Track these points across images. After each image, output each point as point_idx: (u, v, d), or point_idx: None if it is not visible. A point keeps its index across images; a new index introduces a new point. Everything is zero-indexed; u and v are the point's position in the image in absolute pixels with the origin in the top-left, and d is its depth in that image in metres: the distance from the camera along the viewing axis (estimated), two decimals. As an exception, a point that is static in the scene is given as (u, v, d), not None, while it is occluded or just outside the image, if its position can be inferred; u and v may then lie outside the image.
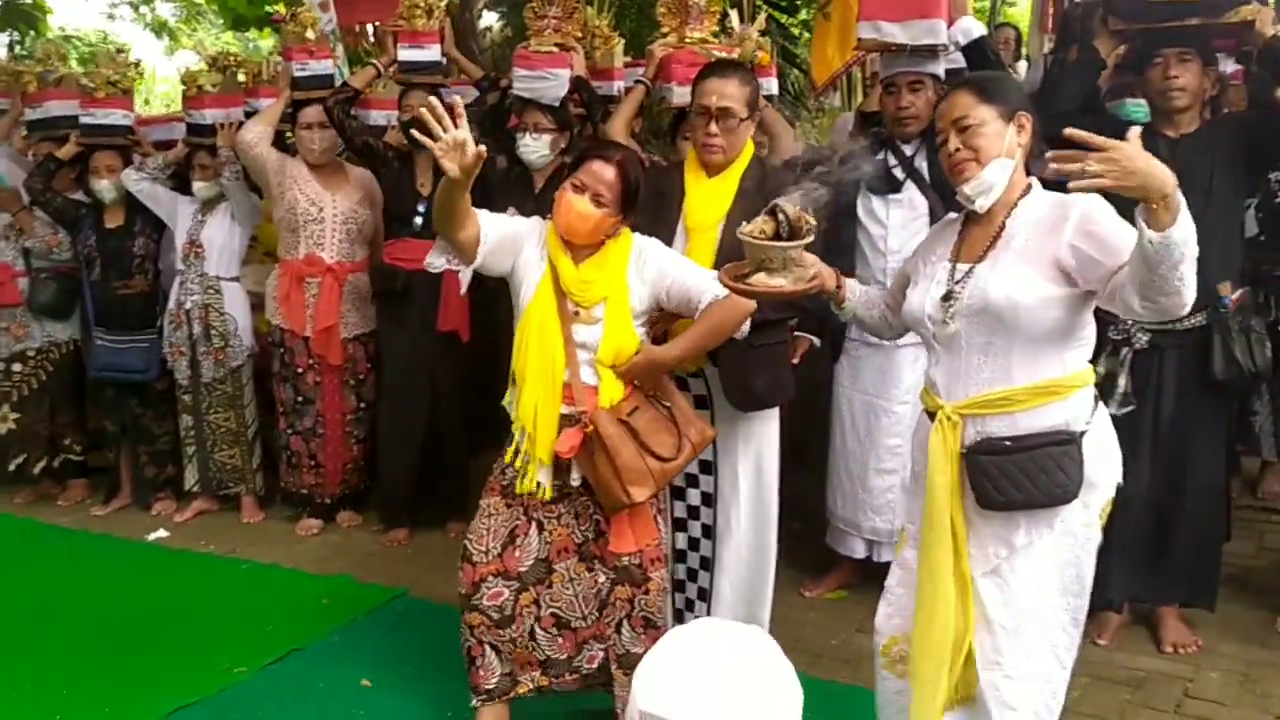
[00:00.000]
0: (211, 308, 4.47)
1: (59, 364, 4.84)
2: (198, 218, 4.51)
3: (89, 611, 3.67)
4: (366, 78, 4.42)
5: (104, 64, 4.71)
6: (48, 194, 4.59)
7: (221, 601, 3.76)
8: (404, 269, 4.23)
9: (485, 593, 2.70)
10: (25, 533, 4.56)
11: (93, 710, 2.98)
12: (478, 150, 2.26)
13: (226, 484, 4.67)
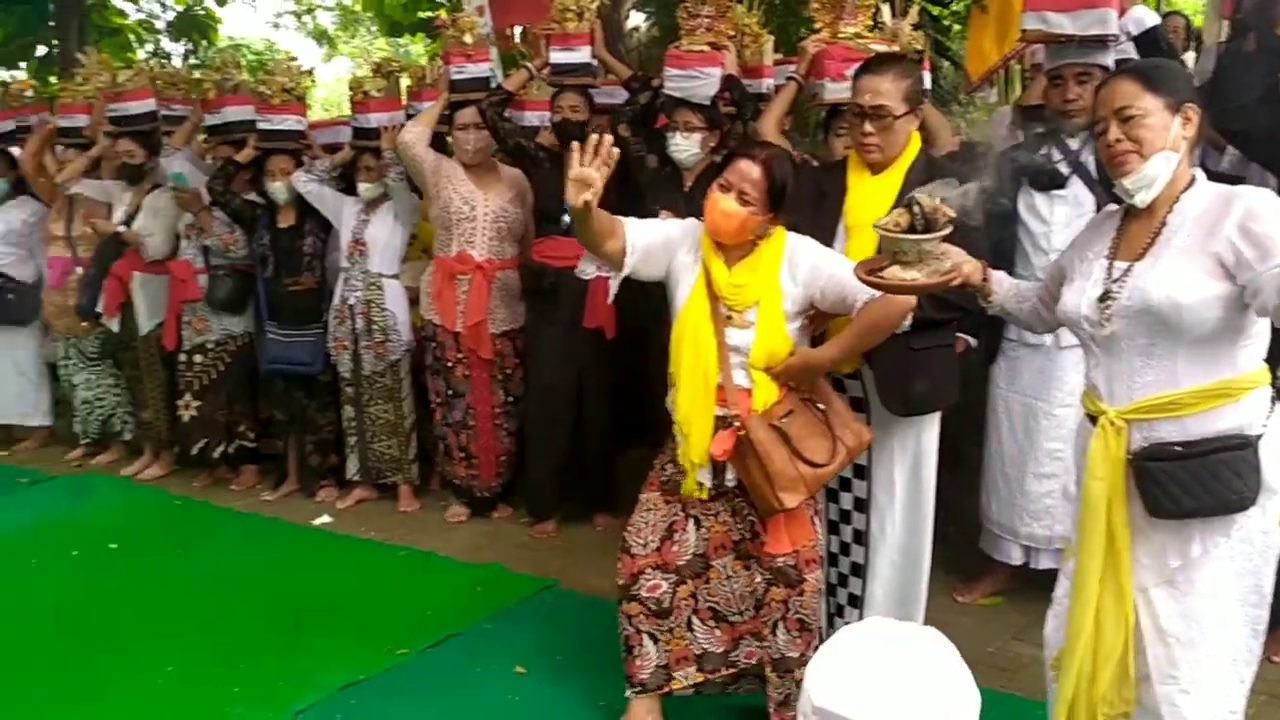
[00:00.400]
0: (373, 304, 4.65)
1: (235, 356, 5.11)
2: (362, 217, 4.70)
3: (263, 591, 3.87)
4: (519, 80, 4.52)
5: (279, 72, 4.94)
6: (227, 195, 4.86)
7: (382, 586, 3.92)
8: (552, 266, 4.33)
9: (644, 584, 2.75)
10: (202, 515, 4.83)
11: (270, 684, 3.14)
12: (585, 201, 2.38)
13: (385, 473, 4.85)
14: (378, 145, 4.63)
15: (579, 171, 2.38)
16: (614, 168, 2.44)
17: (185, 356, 5.11)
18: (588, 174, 2.37)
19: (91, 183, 5.39)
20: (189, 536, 4.52)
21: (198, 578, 4.01)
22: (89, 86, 5.46)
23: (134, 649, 3.39)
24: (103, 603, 3.78)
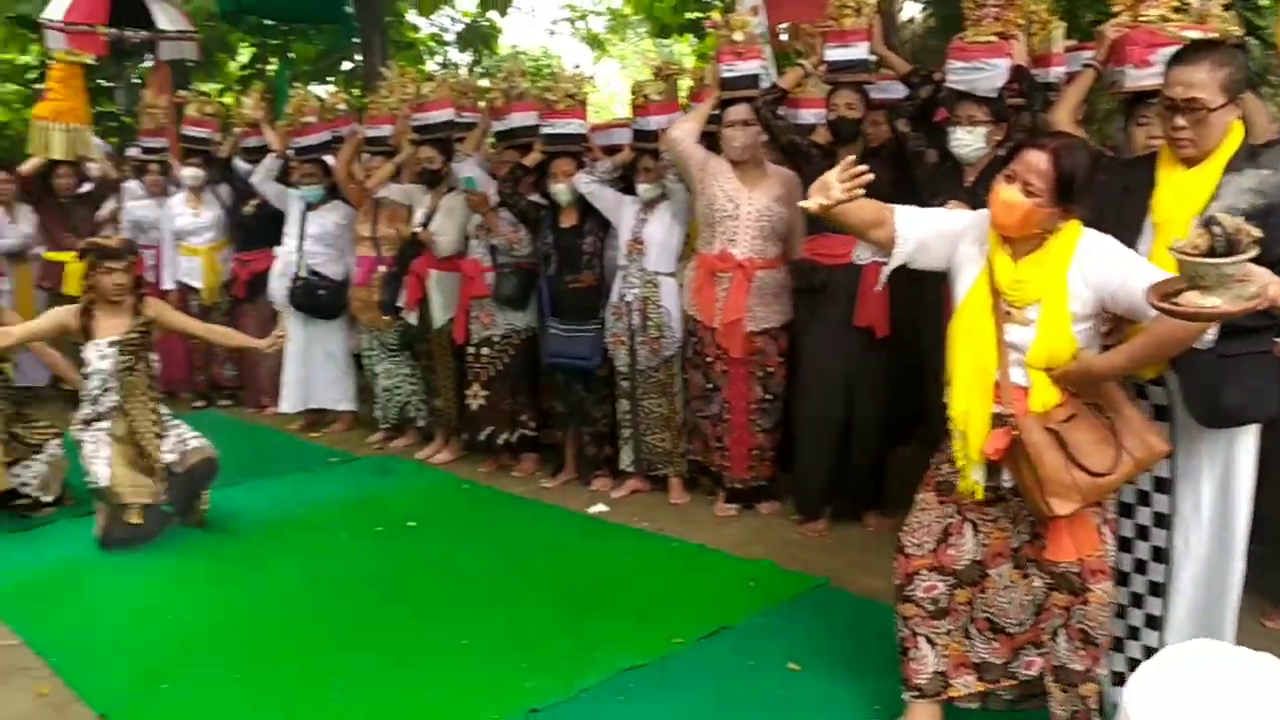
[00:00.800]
0: (649, 300, 4.79)
1: (518, 349, 5.39)
2: (640, 217, 4.85)
3: (543, 573, 4.08)
4: (795, 78, 4.53)
5: (562, 79, 5.17)
6: (514, 197, 5.14)
7: (655, 575, 4.04)
8: (823, 264, 4.32)
9: (919, 585, 2.71)
10: (488, 499, 5.14)
11: (555, 661, 3.31)
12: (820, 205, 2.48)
13: (656, 465, 4.99)
14: (656, 147, 4.77)
15: (824, 179, 2.47)
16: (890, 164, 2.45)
17: (474, 349, 5.44)
18: (830, 184, 2.46)
19: (396, 187, 5.84)
20: (476, 518, 4.83)
21: (484, 557, 4.28)
22: (393, 99, 5.90)
23: (434, 620, 3.66)
24: (404, 576, 4.09)
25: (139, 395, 4.51)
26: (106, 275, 4.45)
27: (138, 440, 4.46)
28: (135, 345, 4.51)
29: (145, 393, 4.54)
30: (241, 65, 13.10)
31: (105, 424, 4.50)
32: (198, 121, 7.06)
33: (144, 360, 4.56)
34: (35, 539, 4.65)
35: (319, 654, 3.43)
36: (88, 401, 4.53)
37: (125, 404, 4.48)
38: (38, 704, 3.16)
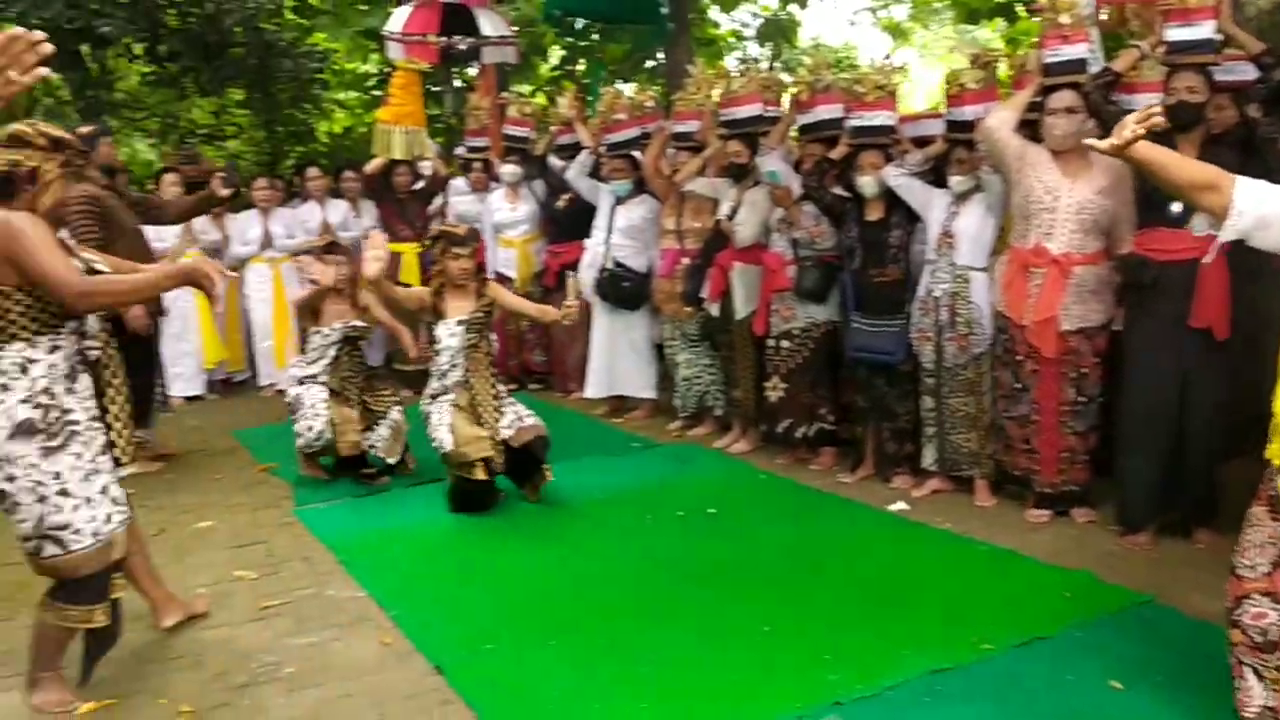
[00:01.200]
0: (959, 296, 4.65)
1: (818, 343, 5.38)
2: (951, 210, 4.72)
3: (842, 566, 4.07)
4: (1129, 60, 4.25)
5: (872, 70, 5.11)
6: (820, 190, 5.13)
7: (961, 578, 3.92)
8: (1154, 260, 4.03)
9: (1247, 610, 2.50)
10: (785, 491, 5.17)
11: (858, 656, 3.29)
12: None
13: (960, 466, 4.84)
14: (970, 138, 4.62)
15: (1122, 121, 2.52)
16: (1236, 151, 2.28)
17: (774, 341, 5.48)
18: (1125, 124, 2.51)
19: (702, 181, 5.98)
20: (774, 508, 4.87)
21: (783, 547, 4.31)
22: (700, 95, 6.04)
23: (735, 605, 3.73)
24: (706, 560, 4.19)
25: (481, 370, 4.86)
26: (454, 260, 4.85)
27: (478, 411, 4.78)
28: (479, 324, 4.88)
29: (486, 368, 4.89)
30: (551, 67, 13.81)
31: (450, 396, 4.86)
32: (517, 121, 7.52)
33: (485, 339, 4.93)
34: (379, 502, 5.13)
35: (628, 628, 3.58)
36: (436, 376, 4.92)
37: (469, 378, 4.84)
38: (383, 652, 3.49)
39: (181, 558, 4.39)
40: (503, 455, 4.77)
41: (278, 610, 3.84)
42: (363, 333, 5.49)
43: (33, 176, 2.99)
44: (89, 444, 3.03)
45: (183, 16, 8.47)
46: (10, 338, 2.91)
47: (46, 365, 2.95)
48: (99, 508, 3.02)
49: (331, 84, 11.63)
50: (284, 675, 3.34)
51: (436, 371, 4.94)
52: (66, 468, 2.95)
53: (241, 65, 9.09)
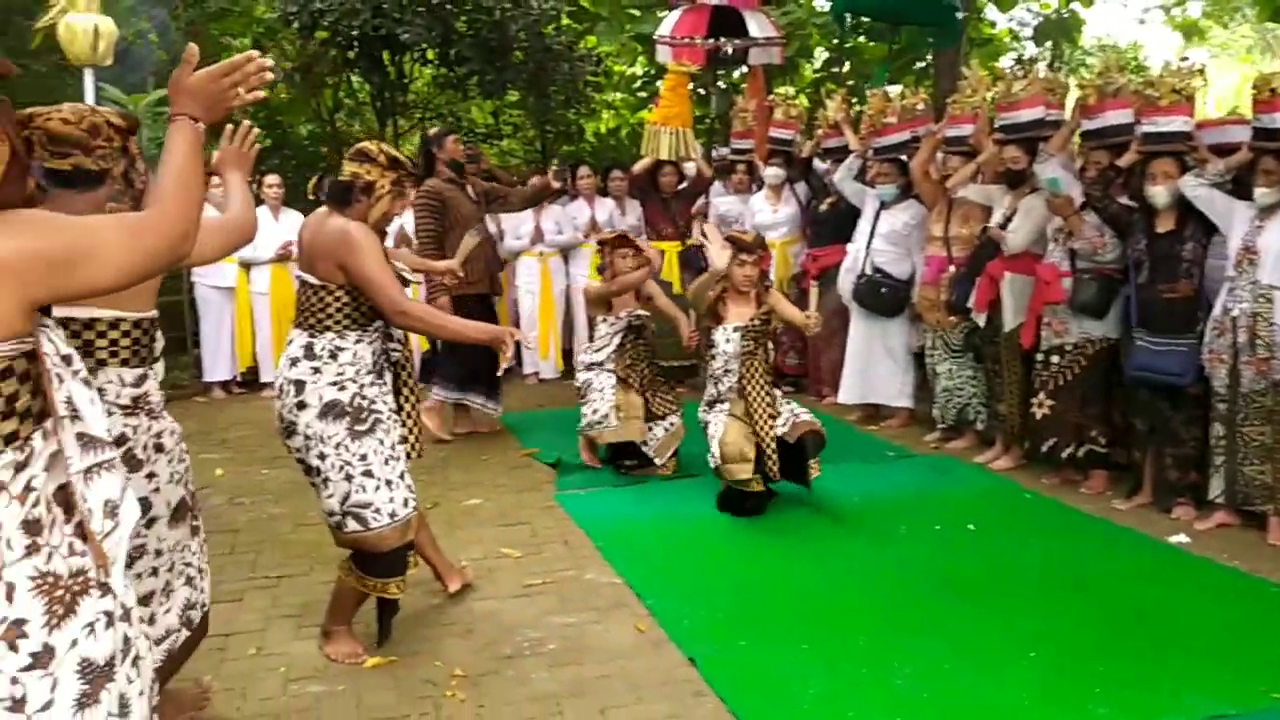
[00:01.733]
0: (1260, 317, 4.30)
1: (1091, 360, 5.11)
2: (1255, 224, 4.37)
3: (1112, 597, 3.85)
4: None
5: (1168, 73, 4.80)
6: (1104, 199, 4.87)
7: (1250, 621, 3.65)
8: None
9: None
10: (1051, 512, 4.94)
11: (1130, 693, 3.12)
12: None
13: (1252, 500, 4.48)
14: None
15: None
16: None
17: (1043, 356, 5.25)
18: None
19: (975, 187, 5.80)
20: (1039, 530, 4.67)
21: (1048, 570, 4.13)
22: (976, 97, 5.85)
23: (996, 626, 3.62)
24: (965, 576, 4.08)
25: (756, 379, 4.80)
26: (739, 267, 4.89)
27: (753, 419, 4.73)
28: (756, 332, 4.85)
29: (761, 377, 4.82)
30: (815, 69, 13.72)
31: (725, 405, 4.88)
32: (783, 124, 7.54)
33: (762, 346, 4.91)
34: (636, 493, 5.29)
35: (883, 637, 3.54)
36: (710, 382, 5.00)
37: (744, 385, 4.80)
38: (638, 638, 3.61)
39: (452, 532, 4.68)
40: (777, 458, 4.70)
41: (540, 589, 4.04)
42: (645, 321, 5.64)
43: (369, 188, 3.30)
44: (389, 432, 3.31)
45: (472, 23, 8.98)
46: (325, 328, 3.24)
47: (353, 354, 3.25)
48: (397, 491, 3.28)
49: (603, 86, 12.02)
50: (546, 651, 3.51)
51: (711, 377, 5.01)
52: (371, 450, 3.23)
53: (522, 68, 9.56)
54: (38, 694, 1.58)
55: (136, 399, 2.60)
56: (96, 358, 2.50)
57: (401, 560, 3.37)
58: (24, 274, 1.56)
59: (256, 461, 5.87)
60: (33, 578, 1.60)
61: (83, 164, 2.38)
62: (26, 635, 1.58)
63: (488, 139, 12.02)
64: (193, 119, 1.88)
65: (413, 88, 10.77)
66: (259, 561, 4.33)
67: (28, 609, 1.58)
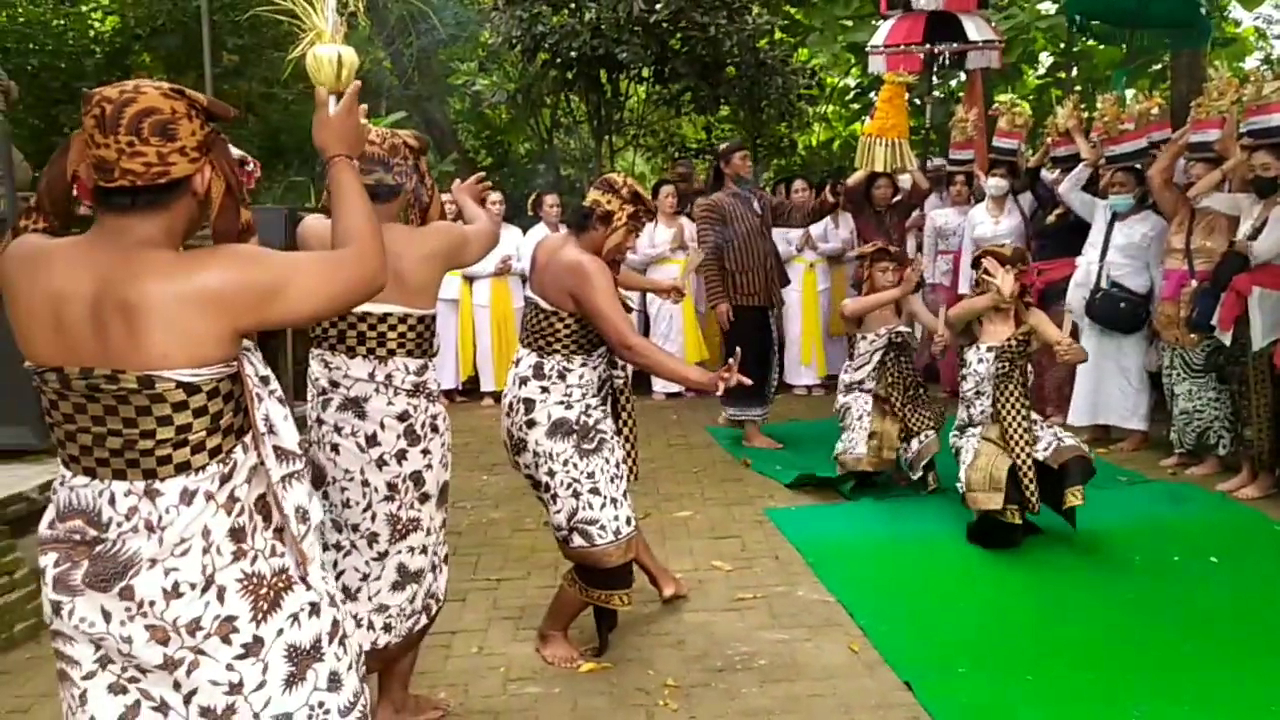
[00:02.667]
0: None
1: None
2: None
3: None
4: None
5: None
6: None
7: None
8: None
9: None
10: None
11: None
12: None
13: None
14: None
15: None
16: None
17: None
18: None
19: (1221, 196, 5.42)
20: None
21: None
22: (1223, 100, 5.47)
23: (1242, 669, 3.35)
24: (1206, 613, 3.80)
25: (1012, 402, 4.43)
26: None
27: (1009, 445, 4.35)
28: (1013, 353, 4.51)
29: (1018, 401, 4.43)
30: (1039, 75, 13.18)
31: (977, 430, 4.60)
32: (1007, 133, 7.26)
33: (1019, 369, 4.51)
34: (845, 510, 5.21)
35: (1113, 673, 3.34)
36: (962, 404, 4.72)
37: (998, 409, 4.45)
38: (851, 659, 3.54)
39: (663, 543, 4.73)
40: (1035, 488, 4.29)
41: (750, 604, 4.03)
42: (907, 339, 5.39)
43: (606, 218, 3.40)
44: (614, 451, 3.39)
45: (686, 40, 9.10)
46: (553, 351, 3.35)
47: (579, 376, 3.35)
48: (621, 509, 3.35)
49: (816, 98, 11.93)
50: (756, 666, 3.49)
51: (963, 399, 4.74)
52: (598, 468, 3.32)
53: (735, 83, 9.60)
54: (251, 678, 1.78)
55: (417, 385, 2.83)
56: (387, 348, 2.78)
57: (627, 574, 3.43)
58: (233, 304, 1.70)
59: (478, 468, 6.11)
60: (240, 580, 1.78)
61: (383, 180, 2.74)
62: (237, 630, 1.77)
63: (700, 154, 12.13)
64: (348, 157, 1.96)
65: (628, 105, 11.00)
66: (480, 564, 4.51)
67: (237, 607, 1.77)
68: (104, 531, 1.73)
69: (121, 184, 1.70)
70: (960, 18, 8.46)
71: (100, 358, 1.69)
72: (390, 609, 2.87)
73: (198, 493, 1.74)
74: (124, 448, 1.72)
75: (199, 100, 1.77)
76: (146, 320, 1.66)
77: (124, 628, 1.72)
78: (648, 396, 8.23)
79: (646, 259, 8.04)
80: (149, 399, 1.69)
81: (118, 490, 1.73)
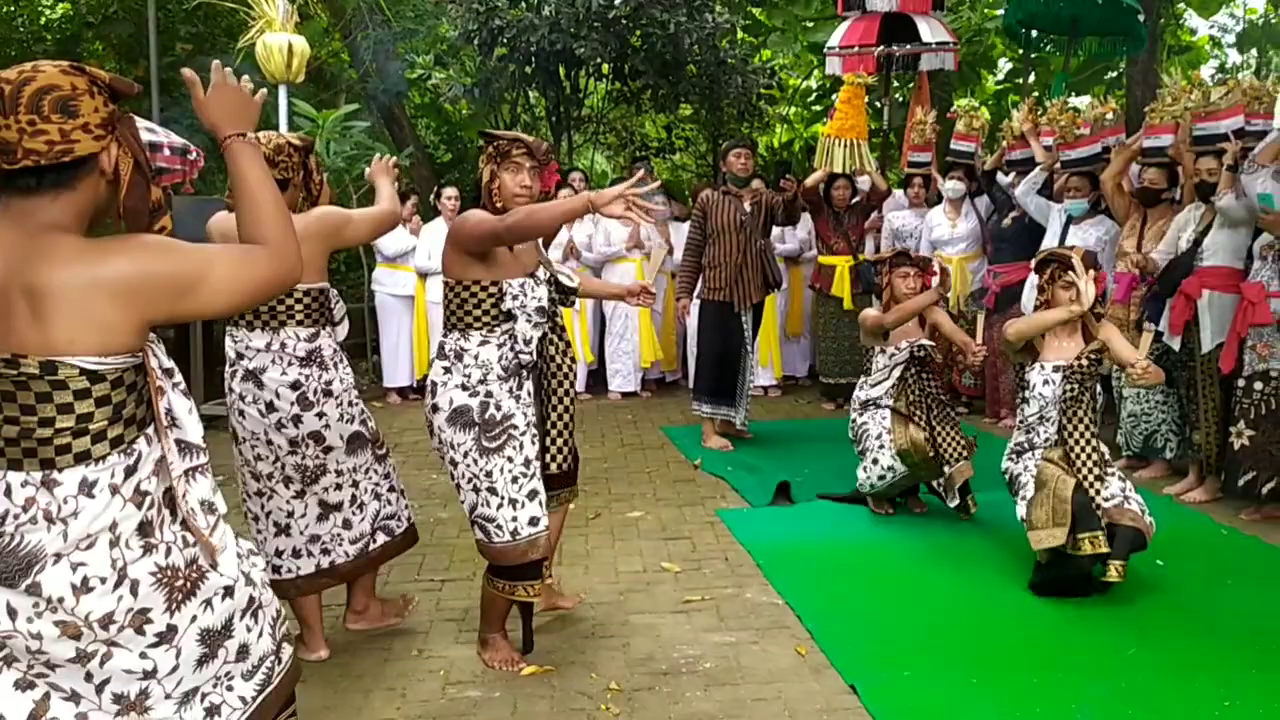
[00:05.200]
0: None
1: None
2: None
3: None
4: None
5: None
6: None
7: None
8: None
9: None
10: (1250, 552, 4.56)
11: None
12: None
13: None
14: None
15: None
16: None
17: (1244, 382, 4.88)
18: None
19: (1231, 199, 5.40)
20: (1235, 570, 4.31)
21: (1246, 616, 3.80)
22: (1177, 107, 5.50)
23: (1185, 670, 3.36)
24: (1150, 615, 3.81)
25: (1081, 430, 3.94)
26: (1065, 290, 4.06)
27: (1078, 474, 3.90)
28: (1083, 373, 3.98)
29: (1088, 428, 3.95)
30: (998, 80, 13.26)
31: (1036, 452, 4.09)
32: (964, 136, 7.29)
33: (1089, 390, 4.00)
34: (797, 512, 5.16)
35: (1058, 675, 3.33)
36: (1022, 429, 4.19)
37: (1064, 436, 3.97)
38: (797, 662, 3.50)
39: (613, 543, 4.68)
40: (1104, 523, 3.82)
41: (698, 606, 3.98)
42: (931, 353, 4.86)
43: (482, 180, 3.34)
44: (521, 449, 3.22)
45: (646, 37, 9.04)
46: (452, 327, 3.27)
47: (474, 356, 3.20)
48: (523, 510, 3.22)
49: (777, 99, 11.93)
50: (702, 669, 3.45)
51: (1022, 423, 4.18)
52: (498, 469, 3.19)
53: (695, 82, 9.57)
54: (165, 664, 1.80)
55: (310, 352, 3.27)
56: (279, 319, 3.23)
57: (531, 569, 3.30)
58: (144, 296, 1.69)
59: (426, 466, 6.03)
60: (153, 573, 1.77)
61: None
62: (151, 620, 1.78)
63: (660, 153, 12.09)
64: (242, 135, 1.87)
65: (587, 102, 10.93)
66: (425, 565, 4.43)
67: (150, 600, 1.77)
68: (1, 525, 1.69)
69: (25, 164, 1.66)
70: (915, 19, 8.48)
71: (1, 342, 1.66)
72: (322, 537, 3.40)
73: (98, 484, 1.71)
74: (20, 436, 1.68)
75: (100, 77, 1.73)
76: (53, 305, 1.63)
77: (32, 624, 1.69)
78: (603, 396, 8.19)
79: (602, 257, 7.99)
80: (50, 385, 1.66)
81: (14, 481, 1.69)
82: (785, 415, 7.55)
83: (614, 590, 4.14)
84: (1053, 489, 3.85)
